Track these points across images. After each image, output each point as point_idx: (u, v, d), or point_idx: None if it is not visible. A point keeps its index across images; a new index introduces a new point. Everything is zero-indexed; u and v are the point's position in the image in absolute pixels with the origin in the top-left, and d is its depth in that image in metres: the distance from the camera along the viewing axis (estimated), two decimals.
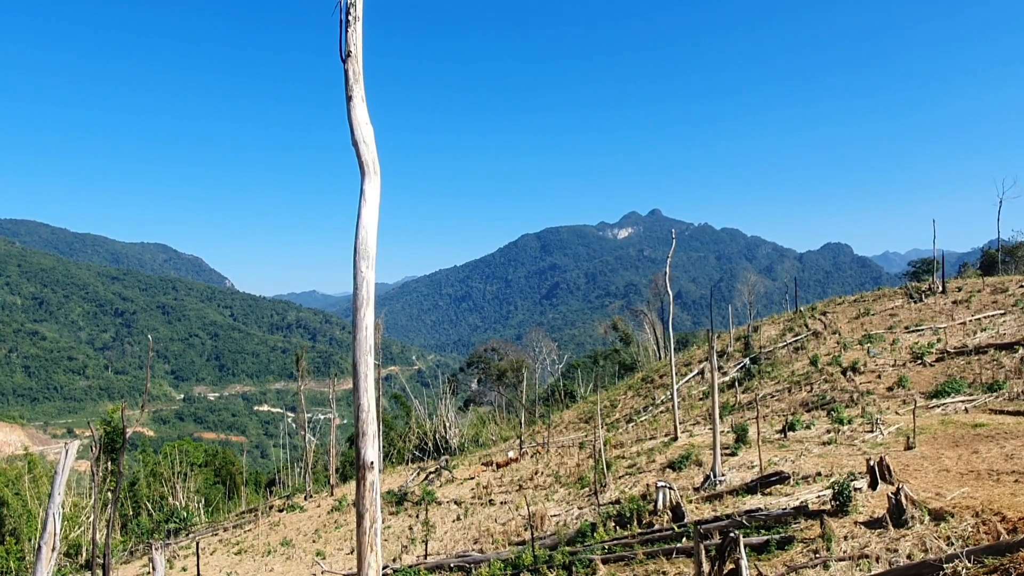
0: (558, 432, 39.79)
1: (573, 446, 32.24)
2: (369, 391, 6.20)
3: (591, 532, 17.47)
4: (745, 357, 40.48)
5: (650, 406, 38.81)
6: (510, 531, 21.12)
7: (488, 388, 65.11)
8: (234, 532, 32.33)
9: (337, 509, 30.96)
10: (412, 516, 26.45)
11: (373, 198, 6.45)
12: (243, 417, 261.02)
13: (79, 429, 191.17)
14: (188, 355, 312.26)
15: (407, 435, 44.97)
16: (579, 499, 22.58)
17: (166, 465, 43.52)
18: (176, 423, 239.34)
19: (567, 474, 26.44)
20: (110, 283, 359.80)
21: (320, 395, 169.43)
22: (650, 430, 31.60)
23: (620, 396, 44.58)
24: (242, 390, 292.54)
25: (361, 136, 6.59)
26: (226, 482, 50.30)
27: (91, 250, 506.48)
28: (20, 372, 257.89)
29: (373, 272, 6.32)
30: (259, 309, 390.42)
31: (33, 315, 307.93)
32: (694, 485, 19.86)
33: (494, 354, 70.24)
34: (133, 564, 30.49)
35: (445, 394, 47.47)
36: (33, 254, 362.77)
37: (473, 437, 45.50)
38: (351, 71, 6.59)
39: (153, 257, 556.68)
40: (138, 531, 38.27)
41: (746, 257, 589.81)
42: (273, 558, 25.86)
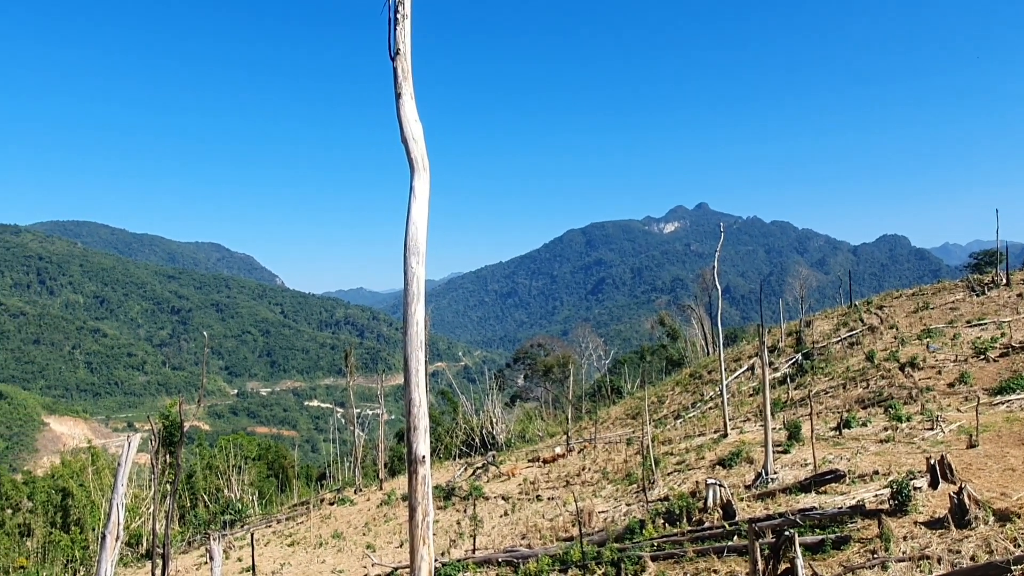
0: (605, 428, 39.58)
1: (620, 442, 32.03)
2: (420, 386, 6.24)
3: (640, 529, 17.33)
4: (797, 353, 39.60)
5: (698, 402, 38.31)
6: (558, 527, 21.10)
7: (534, 384, 65.16)
8: (287, 524, 33.03)
9: (386, 503, 31.36)
10: (460, 511, 26.64)
11: (423, 194, 6.48)
12: (294, 412, 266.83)
13: (139, 423, 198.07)
14: (241, 351, 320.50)
15: (454, 430, 45.34)
16: (627, 496, 22.42)
17: (221, 458, 44.70)
18: (230, 418, 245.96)
19: (615, 470, 26.28)
20: (167, 282, 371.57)
21: (368, 391, 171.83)
22: (699, 426, 31.19)
23: (668, 392, 44.11)
24: (293, 386, 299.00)
25: (410, 133, 6.63)
26: (278, 475, 51.42)
27: (148, 250, 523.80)
28: (83, 368, 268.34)
29: (423, 268, 6.36)
30: (308, 306, 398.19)
31: (95, 313, 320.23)
32: (745, 483, 19.52)
33: (540, 350, 70.23)
34: (191, 554, 31.42)
35: (491, 390, 47.65)
36: (94, 254, 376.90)
37: (520, 433, 45.60)
38: (400, 69, 6.63)
39: (207, 256, 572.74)
40: (195, 522, 39.45)
41: (797, 250, 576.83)
42: (325, 550, 26.34)
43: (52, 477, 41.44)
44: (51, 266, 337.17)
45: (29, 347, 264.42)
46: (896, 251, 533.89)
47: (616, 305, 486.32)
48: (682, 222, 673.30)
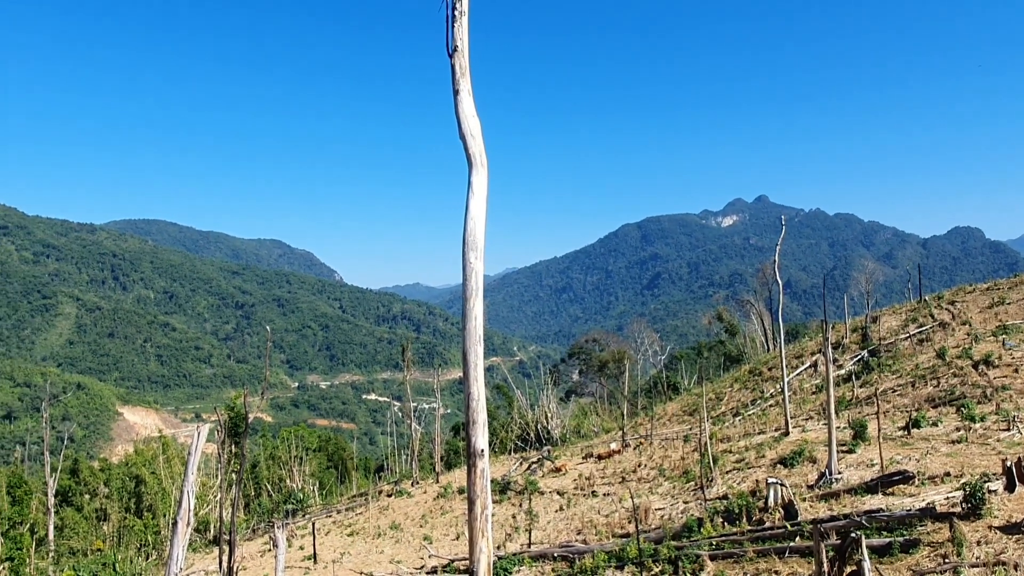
0: (661, 425, 39.14)
1: (677, 439, 31.61)
2: (479, 380, 6.28)
3: (698, 527, 17.09)
4: (863, 349, 38.34)
5: (758, 399, 37.49)
6: (613, 523, 20.98)
7: (589, 379, 64.88)
8: (346, 514, 33.77)
9: (443, 496, 31.73)
10: (515, 505, 26.75)
11: (481, 190, 6.51)
12: (352, 405, 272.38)
13: (206, 414, 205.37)
14: (301, 345, 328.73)
15: (509, 425, 45.49)
16: (684, 493, 22.13)
17: (284, 449, 45.96)
18: (291, 410, 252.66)
19: (671, 467, 25.96)
20: (231, 278, 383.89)
21: (424, 385, 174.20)
22: (759, 424, 30.51)
23: (726, 389, 43.31)
24: (351, 379, 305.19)
25: (468, 129, 6.66)
26: (338, 467, 52.60)
27: (214, 246, 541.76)
28: (154, 361, 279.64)
29: (482, 263, 6.39)
30: (366, 301, 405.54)
31: (164, 308, 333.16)
32: (808, 483, 19.02)
33: (595, 345, 69.86)
34: (255, 541, 32.44)
35: (546, 385, 47.61)
36: (164, 251, 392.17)
37: (575, 428, 45.48)
38: (458, 66, 6.67)
39: (269, 252, 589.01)
40: (259, 510, 40.70)
41: (863, 244, 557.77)
42: (383, 541, 26.83)
43: (126, 465, 43.31)
44: (124, 263, 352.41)
45: (104, 340, 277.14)
46: (969, 244, 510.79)
47: (672, 300, 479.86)
48: (741, 215, 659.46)
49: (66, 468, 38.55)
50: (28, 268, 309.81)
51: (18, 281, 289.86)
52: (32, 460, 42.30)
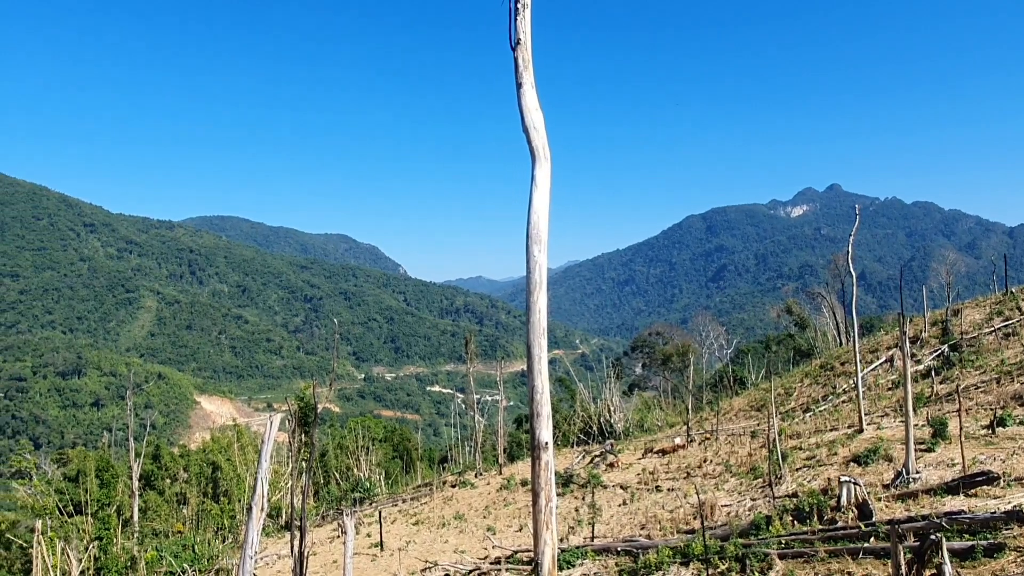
0: (727, 420, 38.36)
1: (744, 435, 30.93)
2: (543, 373, 6.27)
3: (766, 525, 16.69)
4: (943, 344, 36.62)
5: (830, 395, 36.30)
6: (678, 519, 20.70)
7: (653, 373, 64.11)
8: (411, 504, 34.38)
9: (506, 487, 31.93)
10: (578, 498, 26.70)
11: (544, 183, 6.48)
12: (417, 396, 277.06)
13: (277, 403, 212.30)
14: (367, 338, 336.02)
15: (572, 418, 45.44)
16: (751, 490, 21.64)
17: (351, 439, 47.10)
18: (358, 400, 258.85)
19: (738, 463, 25.42)
20: (300, 272, 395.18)
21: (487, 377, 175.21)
22: (831, 421, 29.55)
23: (795, 384, 42.09)
24: (415, 371, 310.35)
25: (531, 122, 6.63)
26: (403, 457, 53.55)
27: (283, 241, 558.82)
28: (228, 352, 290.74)
29: (545, 256, 6.37)
30: (429, 294, 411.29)
31: (237, 301, 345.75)
32: (883, 482, 18.33)
33: (659, 338, 68.96)
34: (324, 528, 33.39)
35: (609, 378, 47.30)
36: (237, 247, 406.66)
37: (638, 422, 45.06)
38: (520, 59, 6.63)
39: (335, 247, 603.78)
40: (328, 498, 41.87)
41: (943, 233, 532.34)
42: (447, 530, 27.21)
43: (203, 451, 45.16)
44: (200, 258, 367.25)
45: (183, 332, 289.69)
46: None
47: (738, 293, 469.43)
48: (811, 205, 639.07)
49: (149, 454, 40.46)
50: (113, 263, 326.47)
51: (104, 276, 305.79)
52: (118, 445, 44.59)
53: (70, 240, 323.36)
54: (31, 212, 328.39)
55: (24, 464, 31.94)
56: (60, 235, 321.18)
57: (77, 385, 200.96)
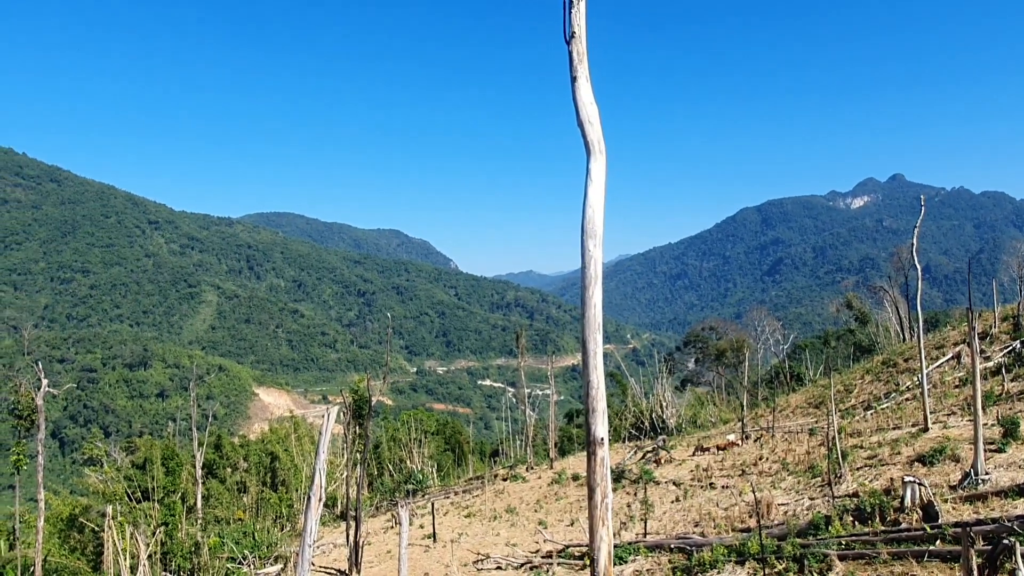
0: (783, 417, 37.51)
1: (802, 432, 30.22)
2: (598, 368, 6.25)
3: (825, 525, 16.28)
4: (1014, 340, 35.03)
5: (892, 393, 35.13)
6: (733, 517, 20.37)
7: (706, 368, 63.13)
8: (463, 496, 34.69)
9: (557, 482, 31.94)
10: (630, 494, 26.51)
11: (599, 177, 6.44)
12: (468, 390, 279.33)
13: (332, 396, 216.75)
14: (419, 332, 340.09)
15: (623, 413, 45.11)
16: (810, 489, 21.13)
17: (404, 432, 47.76)
18: (410, 394, 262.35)
19: (795, 461, 24.85)
20: (353, 267, 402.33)
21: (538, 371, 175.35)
22: (893, 419, 28.61)
23: (856, 380, 40.88)
24: (467, 365, 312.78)
25: (586, 116, 6.59)
26: (455, 450, 54.06)
27: (337, 237, 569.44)
28: (285, 345, 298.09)
29: (600, 251, 6.34)
30: (480, 289, 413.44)
31: (293, 296, 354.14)
32: (949, 483, 17.67)
33: (712, 333, 67.84)
34: (379, 518, 33.97)
35: (661, 373, 46.77)
36: (293, 242, 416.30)
37: (691, 418, 44.47)
38: (575, 52, 6.59)
39: (388, 242, 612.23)
40: (382, 489, 42.58)
41: (1014, 224, 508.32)
42: (499, 523, 27.37)
43: (262, 442, 46.42)
44: (258, 253, 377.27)
45: (241, 326, 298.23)
46: None
47: (795, 287, 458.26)
48: (872, 196, 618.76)
49: (211, 443, 41.75)
50: (176, 259, 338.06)
51: (167, 271, 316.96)
52: (182, 435, 46.16)
53: (136, 237, 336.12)
54: (100, 211, 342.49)
55: (95, 452, 33.34)
56: (127, 232, 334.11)
57: (143, 376, 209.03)
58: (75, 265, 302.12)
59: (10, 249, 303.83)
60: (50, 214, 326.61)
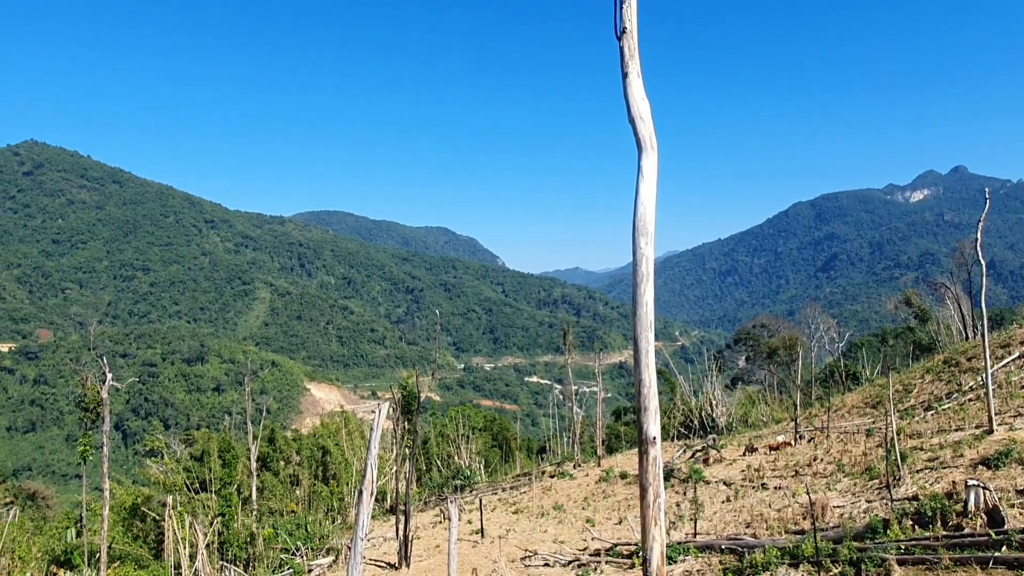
0: (838, 417, 36.58)
1: (858, 433, 29.42)
2: (650, 367, 6.20)
3: (883, 529, 15.82)
4: None
5: (954, 393, 33.92)
6: (786, 518, 19.96)
7: (757, 366, 61.97)
8: (511, 493, 34.83)
9: (604, 479, 31.79)
10: (679, 493, 26.22)
11: (651, 174, 6.38)
12: (515, 387, 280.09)
13: (381, 391, 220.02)
14: (467, 328, 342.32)
15: (672, 412, 44.62)
16: (866, 492, 20.56)
17: (452, 427, 48.15)
18: (458, 390, 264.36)
19: (851, 463, 24.21)
20: (401, 264, 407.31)
21: (585, 368, 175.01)
22: (955, 420, 27.63)
23: (915, 380, 39.58)
24: (514, 362, 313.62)
25: (637, 112, 6.53)
26: (502, 446, 54.27)
27: (386, 235, 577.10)
28: (335, 341, 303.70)
29: (652, 248, 6.28)
30: (527, 286, 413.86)
31: (343, 292, 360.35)
32: (1016, 487, 16.97)
33: (764, 330, 66.55)
34: (427, 513, 34.36)
35: (711, 371, 46.09)
36: (342, 240, 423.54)
37: (741, 417, 43.73)
38: (626, 47, 6.54)
39: (435, 239, 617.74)
40: (430, 484, 43.02)
41: None
42: (546, 520, 27.38)
43: (314, 436, 47.36)
44: (308, 251, 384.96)
45: (293, 322, 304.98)
46: None
47: (851, 283, 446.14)
48: (933, 189, 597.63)
49: (264, 437, 42.78)
50: (231, 257, 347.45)
51: (223, 269, 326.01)
52: (237, 428, 47.46)
53: (193, 236, 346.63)
54: (160, 211, 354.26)
55: (156, 444, 34.57)
56: (184, 231, 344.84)
57: (200, 371, 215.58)
58: (136, 263, 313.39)
59: (76, 248, 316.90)
60: (113, 214, 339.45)
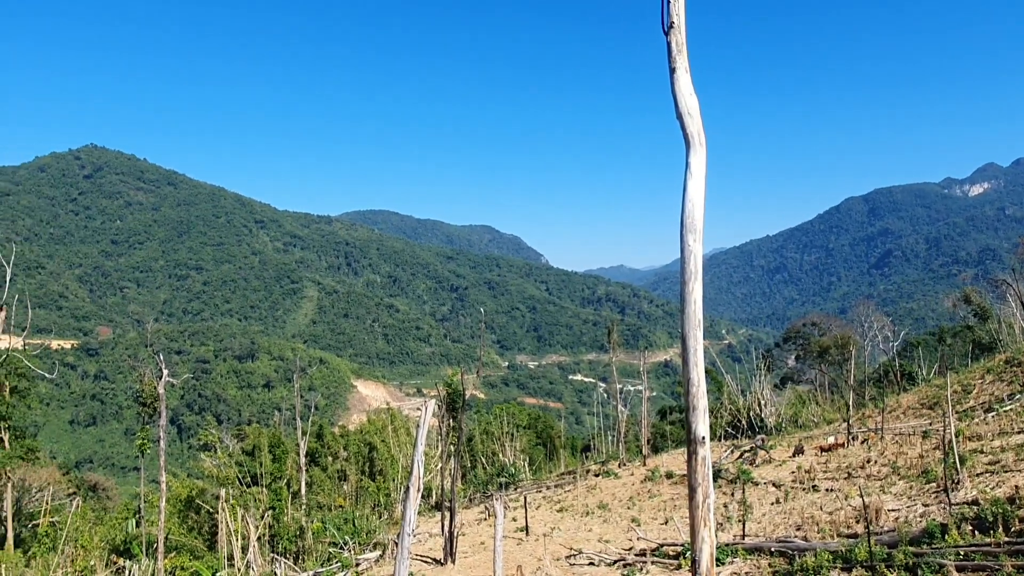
0: (893, 418, 35.52)
1: (914, 435, 28.53)
2: (699, 366, 6.13)
3: (941, 534, 15.31)
4: None
5: (1017, 394, 32.64)
6: (838, 521, 19.48)
7: (807, 366, 60.62)
8: (555, 491, 34.76)
9: (650, 479, 31.49)
10: (726, 494, 25.82)
11: (699, 171, 6.29)
12: (559, 385, 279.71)
13: (426, 389, 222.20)
14: (511, 327, 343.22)
15: (719, 411, 43.96)
16: (923, 495, 19.93)
17: (496, 425, 48.28)
18: (502, 388, 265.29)
19: (907, 465, 23.49)
20: (446, 262, 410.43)
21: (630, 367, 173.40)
22: (1018, 422, 26.57)
23: (975, 381, 38.19)
24: (558, 360, 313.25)
25: (686, 108, 6.45)
26: (546, 444, 54.20)
27: (431, 233, 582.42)
28: (381, 339, 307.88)
29: (700, 245, 6.20)
30: (571, 284, 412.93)
31: (389, 291, 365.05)
32: None
33: (815, 329, 65.03)
34: (472, 510, 34.53)
35: (759, 370, 45.20)
36: (387, 239, 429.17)
37: (791, 417, 42.83)
38: (674, 43, 6.47)
39: (480, 238, 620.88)
40: (475, 481, 43.23)
41: None
42: (591, 519, 27.26)
43: (361, 432, 48.02)
44: (355, 250, 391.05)
45: (340, 320, 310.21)
46: None
47: (906, 280, 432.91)
48: (993, 182, 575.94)
49: (313, 432, 43.54)
50: (279, 256, 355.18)
51: (272, 268, 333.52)
52: (286, 424, 48.46)
53: (244, 236, 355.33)
54: (212, 211, 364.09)
55: (210, 438, 35.53)
56: (235, 231, 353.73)
57: (251, 368, 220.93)
58: (190, 263, 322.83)
59: (134, 248, 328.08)
60: (168, 215, 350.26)
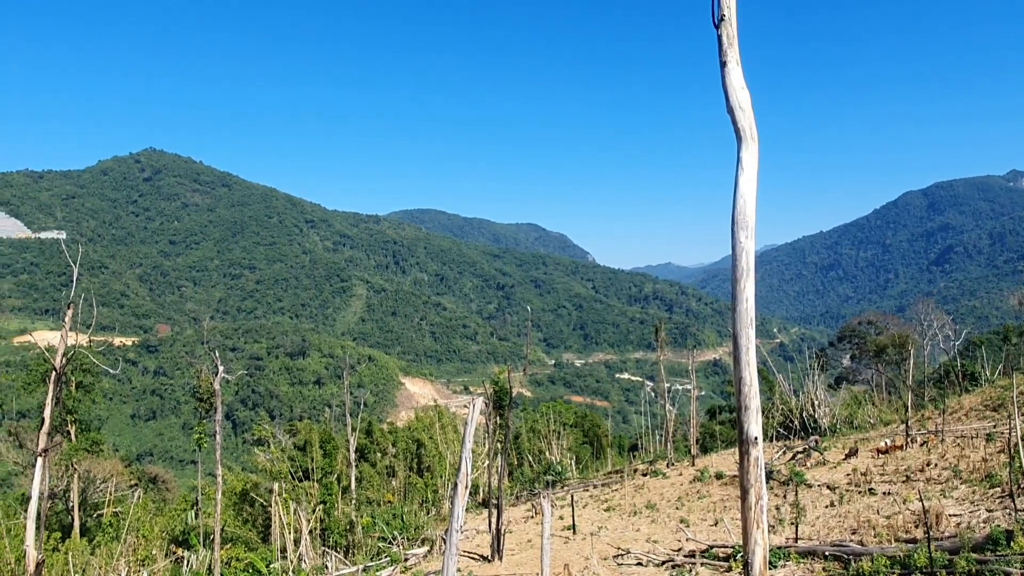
0: (955, 420, 34.30)
1: (977, 437, 27.49)
2: (751, 365, 6.01)
3: (1006, 540, 14.71)
4: None
5: None
6: (896, 526, 18.90)
7: (863, 365, 58.94)
8: (602, 490, 34.59)
9: (699, 479, 31.06)
10: (778, 496, 25.30)
11: (751, 166, 6.16)
12: (606, 383, 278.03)
13: (473, 386, 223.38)
14: (557, 324, 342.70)
15: (771, 411, 43.10)
16: (987, 500, 19.20)
17: (543, 423, 48.31)
18: (548, 386, 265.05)
19: (969, 469, 22.65)
20: (492, 260, 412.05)
21: (677, 365, 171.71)
22: None
23: None
24: (604, 358, 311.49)
25: (737, 102, 6.32)
26: (593, 443, 54.00)
27: (477, 232, 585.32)
28: (428, 337, 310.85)
29: (752, 242, 6.07)
30: (618, 282, 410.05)
31: (436, 289, 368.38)
32: None
33: (871, 327, 63.16)
34: (519, 508, 34.62)
35: (812, 370, 44.15)
36: (435, 238, 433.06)
37: (846, 418, 41.73)
38: (725, 36, 6.35)
39: (526, 236, 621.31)
40: (521, 479, 43.33)
41: None
42: (639, 519, 27.04)
43: (409, 429, 48.64)
44: (403, 249, 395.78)
45: (388, 318, 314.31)
46: None
47: (968, 278, 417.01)
48: None
49: (362, 429, 44.25)
50: (329, 255, 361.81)
51: (322, 267, 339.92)
52: (336, 420, 49.36)
53: (295, 235, 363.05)
54: (264, 212, 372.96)
55: (263, 433, 36.44)
56: (287, 231, 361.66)
57: (302, 365, 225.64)
58: (243, 262, 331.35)
59: (190, 248, 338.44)
60: (222, 216, 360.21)
